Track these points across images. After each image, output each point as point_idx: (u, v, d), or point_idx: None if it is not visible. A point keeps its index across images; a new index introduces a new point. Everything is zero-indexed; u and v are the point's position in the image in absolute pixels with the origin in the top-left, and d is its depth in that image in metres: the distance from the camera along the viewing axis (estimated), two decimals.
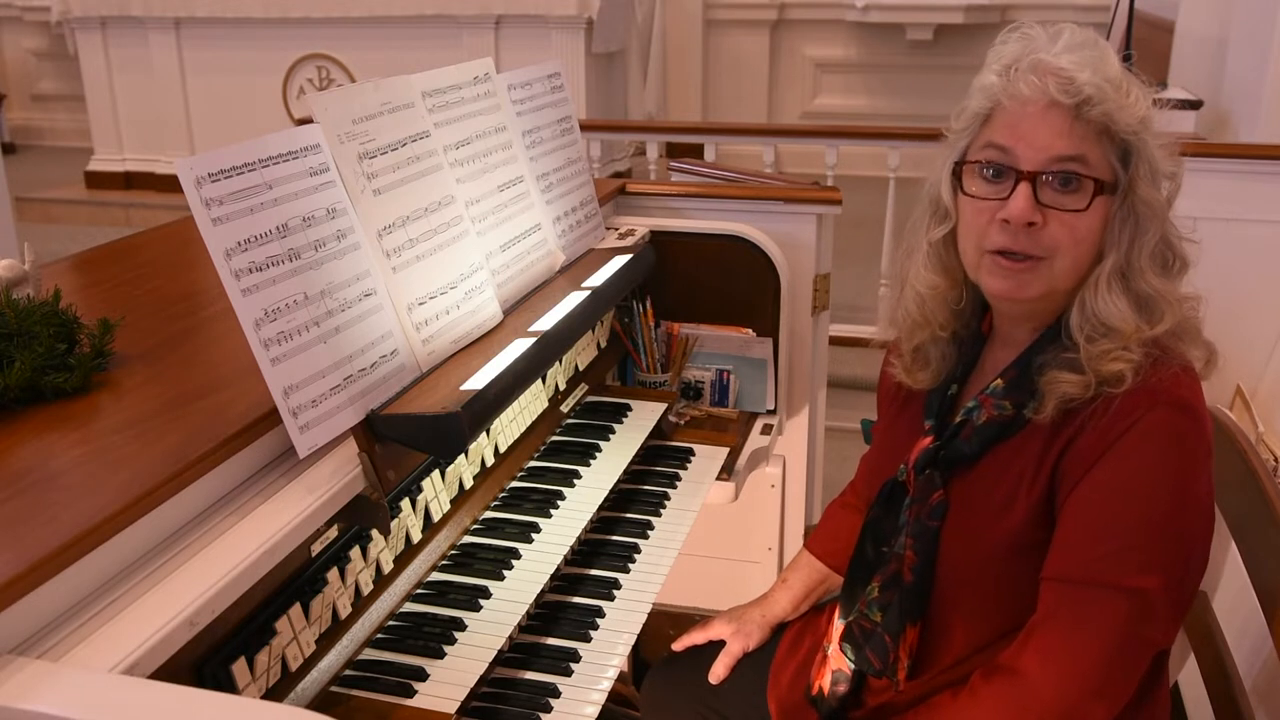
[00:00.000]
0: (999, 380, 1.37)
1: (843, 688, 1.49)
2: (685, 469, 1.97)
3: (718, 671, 1.66)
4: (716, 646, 1.70)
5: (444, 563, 1.56)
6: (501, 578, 1.52)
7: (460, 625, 1.42)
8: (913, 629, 1.40)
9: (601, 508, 1.74)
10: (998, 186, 1.30)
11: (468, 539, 1.62)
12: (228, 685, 1.13)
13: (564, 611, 1.55)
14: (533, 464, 1.83)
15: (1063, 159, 1.26)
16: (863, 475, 1.72)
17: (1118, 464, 1.26)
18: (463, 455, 1.60)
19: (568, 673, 1.42)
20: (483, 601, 1.47)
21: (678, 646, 1.74)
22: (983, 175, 1.31)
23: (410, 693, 1.30)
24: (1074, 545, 1.27)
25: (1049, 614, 1.28)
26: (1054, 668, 1.25)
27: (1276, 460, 2.54)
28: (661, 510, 1.83)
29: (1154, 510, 1.24)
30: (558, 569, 1.57)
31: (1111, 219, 1.29)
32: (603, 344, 2.16)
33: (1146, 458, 1.25)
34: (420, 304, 1.49)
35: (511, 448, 1.76)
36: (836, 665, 1.51)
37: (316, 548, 1.28)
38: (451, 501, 1.58)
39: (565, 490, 1.74)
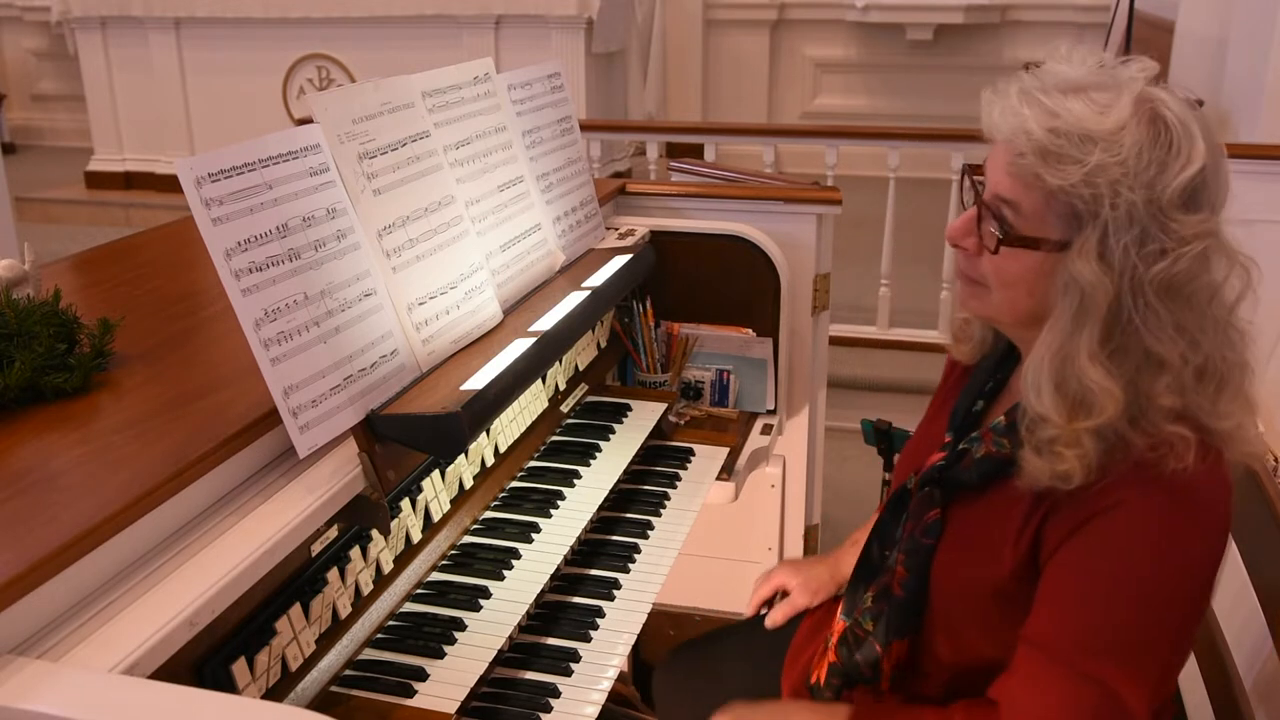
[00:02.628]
0: (1003, 417, 1.32)
1: (837, 681, 1.50)
2: (685, 469, 1.97)
3: (775, 618, 1.67)
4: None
5: (444, 563, 1.56)
6: (501, 578, 1.52)
7: (460, 625, 1.42)
8: (899, 643, 1.38)
9: (601, 508, 1.74)
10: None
11: (468, 539, 1.62)
12: (228, 685, 1.13)
13: (564, 611, 1.55)
14: (533, 464, 1.83)
15: (999, 199, 1.21)
16: (902, 459, 1.70)
17: (1093, 544, 1.19)
18: (463, 455, 1.60)
19: (568, 673, 1.42)
20: (483, 601, 1.47)
21: (750, 611, 1.74)
22: (973, 186, 1.30)
23: (410, 693, 1.30)
24: (1047, 616, 1.22)
25: (1026, 674, 1.23)
26: None
27: (1276, 460, 2.54)
28: (661, 510, 1.83)
29: (1126, 604, 1.17)
30: (558, 569, 1.57)
31: (1054, 284, 1.19)
32: (603, 344, 2.16)
33: (1123, 545, 1.17)
34: (420, 304, 1.49)
35: (511, 448, 1.77)
36: (834, 659, 1.51)
37: (316, 548, 1.28)
38: (451, 501, 1.58)
39: (565, 490, 1.74)
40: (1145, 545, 1.16)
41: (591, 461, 1.84)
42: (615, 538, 1.73)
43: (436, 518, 1.54)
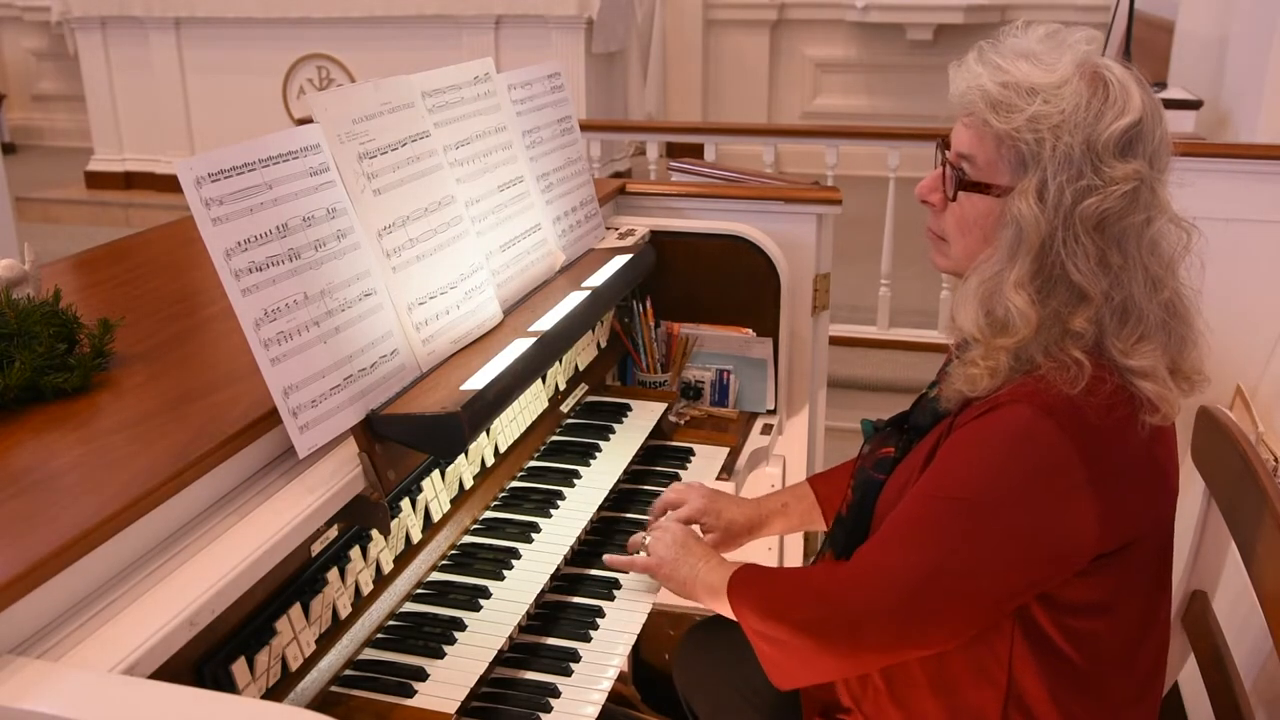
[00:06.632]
0: None
1: None
2: (685, 469, 1.97)
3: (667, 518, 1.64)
4: None
5: (444, 563, 1.56)
6: (501, 578, 1.52)
7: (460, 625, 1.42)
8: (841, 560, 1.43)
9: (602, 508, 1.74)
10: None
11: (468, 539, 1.62)
12: (228, 685, 1.13)
13: (564, 611, 1.55)
14: (533, 464, 1.83)
15: (959, 155, 1.31)
16: None
17: (956, 438, 1.27)
18: (463, 455, 1.60)
19: (568, 673, 1.41)
20: (483, 601, 1.47)
21: (651, 520, 1.68)
22: (940, 150, 1.38)
23: (410, 693, 1.30)
24: (908, 496, 1.31)
25: (878, 538, 1.32)
26: (866, 580, 1.30)
27: (1276, 460, 2.54)
28: None
29: (952, 499, 1.23)
30: (558, 569, 1.57)
31: (1004, 223, 1.26)
32: (603, 344, 2.16)
33: (976, 440, 1.24)
34: (420, 304, 1.49)
35: (511, 448, 1.76)
36: None
37: (316, 548, 1.28)
38: (451, 501, 1.58)
39: (565, 490, 1.74)
40: (993, 446, 1.23)
41: (591, 461, 1.84)
42: (616, 538, 1.73)
43: (436, 518, 1.54)
